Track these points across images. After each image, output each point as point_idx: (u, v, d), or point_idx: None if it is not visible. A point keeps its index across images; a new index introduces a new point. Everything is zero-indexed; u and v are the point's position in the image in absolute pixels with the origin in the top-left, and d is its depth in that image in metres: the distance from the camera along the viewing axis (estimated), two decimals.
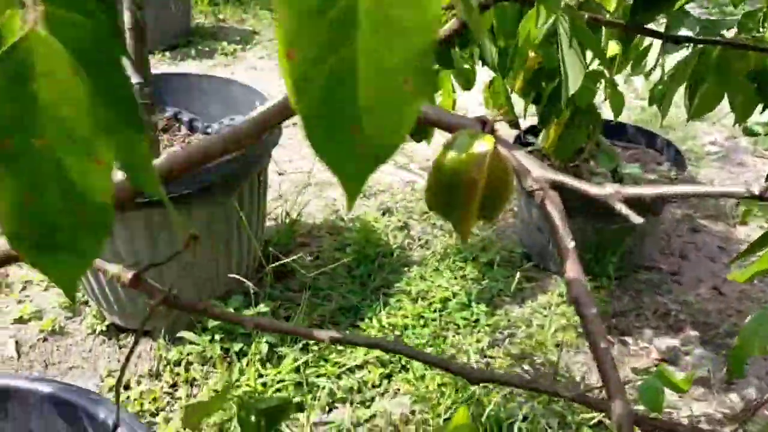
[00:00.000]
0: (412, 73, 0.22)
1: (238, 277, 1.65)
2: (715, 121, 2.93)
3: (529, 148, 1.91)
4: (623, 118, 2.62)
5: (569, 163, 1.78)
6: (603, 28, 0.80)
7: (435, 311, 1.74)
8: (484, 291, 1.83)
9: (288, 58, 0.21)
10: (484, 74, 1.10)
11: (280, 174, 2.45)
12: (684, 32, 0.72)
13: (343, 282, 1.84)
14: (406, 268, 1.91)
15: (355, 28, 0.21)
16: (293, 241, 2.02)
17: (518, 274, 1.82)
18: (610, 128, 2.06)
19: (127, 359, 0.38)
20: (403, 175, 2.46)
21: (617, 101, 1.03)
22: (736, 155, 2.73)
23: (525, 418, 1.43)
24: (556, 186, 0.33)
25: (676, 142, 2.64)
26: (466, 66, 0.89)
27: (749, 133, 1.02)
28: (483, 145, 0.32)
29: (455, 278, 1.87)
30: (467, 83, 0.95)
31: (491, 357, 1.64)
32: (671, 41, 0.68)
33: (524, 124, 1.44)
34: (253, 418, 0.45)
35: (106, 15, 0.24)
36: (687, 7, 0.79)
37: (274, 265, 1.67)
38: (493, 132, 0.34)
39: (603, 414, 1.49)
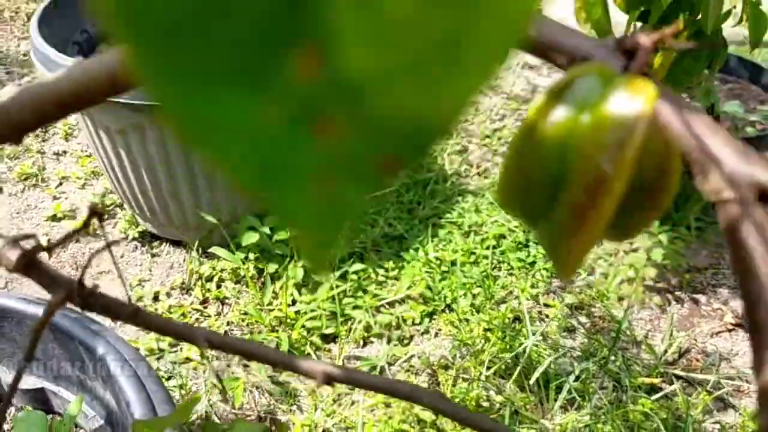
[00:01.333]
0: None
1: None
2: None
3: None
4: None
5: None
6: None
7: (488, 248, 1.59)
8: None
9: None
10: None
11: None
12: None
13: (390, 207, 1.69)
14: (459, 198, 1.75)
15: None
16: None
17: None
18: None
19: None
20: None
21: (758, 27, 0.80)
22: None
23: (577, 378, 1.29)
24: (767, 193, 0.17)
25: None
26: None
27: None
28: (631, 101, 0.16)
29: None
30: None
31: (545, 305, 1.49)
32: None
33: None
34: None
35: None
36: None
37: None
38: (648, 73, 0.17)
39: (661, 380, 1.34)
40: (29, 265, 0.25)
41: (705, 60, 0.81)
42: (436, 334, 1.43)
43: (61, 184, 1.81)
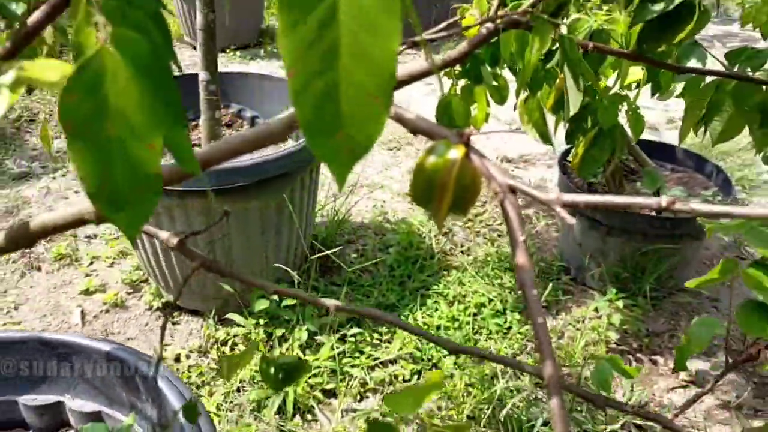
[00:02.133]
0: (380, 94, 0.30)
1: (285, 267, 1.75)
2: None
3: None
4: (675, 140, 2.62)
5: (613, 183, 1.81)
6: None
7: (469, 315, 1.80)
8: (519, 300, 1.88)
9: (289, 77, 0.30)
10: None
11: None
12: (693, 63, 0.77)
13: (384, 280, 1.92)
14: (445, 272, 1.98)
15: (337, 57, 0.30)
16: (340, 237, 2.12)
17: (550, 285, 1.86)
18: (660, 150, 2.09)
19: (164, 325, 0.47)
20: None
21: (637, 125, 1.08)
22: None
23: (546, 423, 1.48)
24: (514, 190, 0.41)
25: (731, 169, 2.62)
26: (494, 83, 0.96)
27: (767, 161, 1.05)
28: (455, 152, 0.40)
29: (492, 285, 1.93)
30: (500, 98, 1.01)
31: None
32: (676, 71, 0.73)
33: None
34: (272, 370, 0.53)
35: (160, 32, 0.33)
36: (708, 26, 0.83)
37: (317, 255, 1.77)
38: (467, 143, 0.42)
39: (621, 428, 1.53)
40: (181, 245, 0.48)
41: (607, 152, 1.07)
42: None
43: (92, 263, 2.04)
